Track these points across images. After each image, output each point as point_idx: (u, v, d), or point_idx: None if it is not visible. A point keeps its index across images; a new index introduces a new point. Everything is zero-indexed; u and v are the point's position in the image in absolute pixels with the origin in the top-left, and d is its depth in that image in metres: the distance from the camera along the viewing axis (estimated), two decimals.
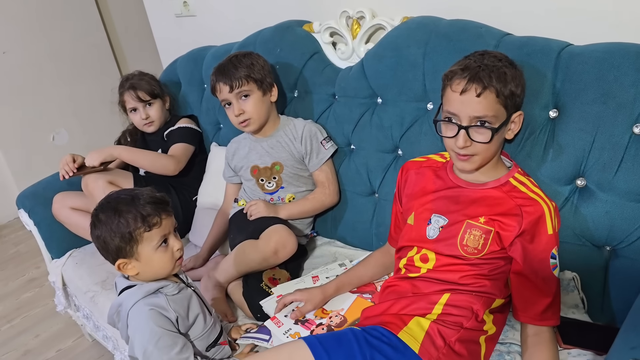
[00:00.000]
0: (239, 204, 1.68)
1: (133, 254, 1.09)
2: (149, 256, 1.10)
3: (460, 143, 1.07)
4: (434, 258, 1.16)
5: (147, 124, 1.95)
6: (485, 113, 1.05)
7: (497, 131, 1.06)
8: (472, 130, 1.06)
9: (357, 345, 1.01)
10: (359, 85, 1.54)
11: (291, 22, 1.78)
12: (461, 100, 1.06)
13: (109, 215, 1.07)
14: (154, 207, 1.08)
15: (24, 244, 3.22)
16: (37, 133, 3.44)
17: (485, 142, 1.06)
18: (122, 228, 1.06)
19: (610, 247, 1.14)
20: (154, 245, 1.09)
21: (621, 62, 1.07)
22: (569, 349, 1.10)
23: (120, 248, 1.08)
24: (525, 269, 1.07)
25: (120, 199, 1.09)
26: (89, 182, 1.76)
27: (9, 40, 3.21)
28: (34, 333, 2.33)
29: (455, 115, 1.08)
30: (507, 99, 1.05)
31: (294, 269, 1.54)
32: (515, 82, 1.06)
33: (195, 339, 1.17)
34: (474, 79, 1.04)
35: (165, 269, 1.13)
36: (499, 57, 1.09)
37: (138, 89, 1.92)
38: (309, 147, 1.58)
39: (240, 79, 1.52)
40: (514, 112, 1.10)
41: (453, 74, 1.08)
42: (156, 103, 1.96)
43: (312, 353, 1.00)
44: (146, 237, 1.08)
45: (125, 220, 1.06)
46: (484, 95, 1.03)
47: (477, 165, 1.12)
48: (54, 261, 1.97)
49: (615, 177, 1.09)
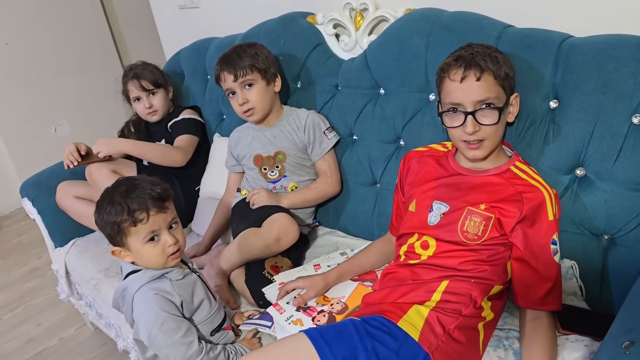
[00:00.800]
0: (242, 194, 1.70)
1: (123, 244, 1.11)
2: (138, 249, 1.11)
3: (470, 129, 1.09)
4: (434, 244, 1.18)
5: (150, 113, 1.97)
6: (487, 95, 1.08)
7: (503, 110, 1.09)
8: (478, 114, 1.09)
9: (358, 336, 1.02)
10: (361, 76, 1.56)
11: (295, 13, 1.79)
12: (462, 87, 1.09)
13: (104, 203, 1.09)
14: (146, 201, 1.08)
15: (26, 234, 3.24)
16: (40, 124, 3.45)
17: (494, 124, 1.09)
18: (111, 218, 1.08)
19: (609, 236, 1.15)
20: (141, 239, 1.09)
21: (621, 54, 1.09)
22: (567, 334, 1.11)
23: (112, 237, 1.11)
24: (526, 255, 1.09)
25: (118, 189, 1.10)
26: (93, 171, 1.78)
27: (11, 31, 3.22)
28: (36, 322, 2.35)
29: (458, 105, 1.11)
30: (503, 80, 1.10)
31: (296, 257, 1.56)
32: (507, 65, 1.11)
33: (199, 323, 1.19)
34: (471, 65, 1.08)
35: (156, 262, 1.13)
36: (485, 45, 1.14)
37: (142, 78, 1.94)
38: (312, 136, 1.60)
39: (244, 68, 1.53)
40: (511, 94, 1.14)
41: (448, 65, 1.12)
42: (159, 92, 1.98)
43: (314, 346, 1.00)
44: (133, 231, 1.08)
45: (115, 211, 1.07)
46: (483, 78, 1.07)
47: (488, 151, 1.14)
48: (57, 249, 1.99)
49: (614, 167, 1.11)
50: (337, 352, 0.99)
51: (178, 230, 1.15)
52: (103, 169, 1.77)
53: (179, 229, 1.16)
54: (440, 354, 1.02)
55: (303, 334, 1.04)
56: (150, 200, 1.08)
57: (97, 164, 1.79)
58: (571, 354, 1.05)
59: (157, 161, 1.87)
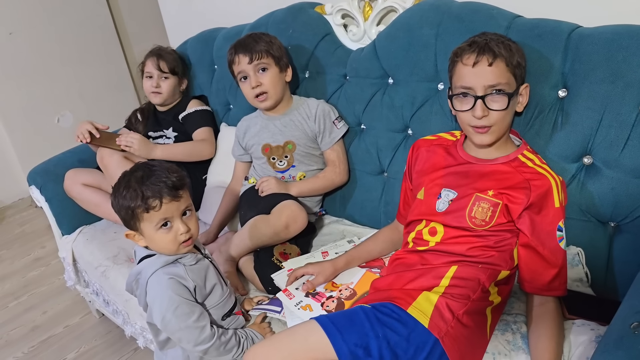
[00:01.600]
0: (249, 182, 1.71)
1: (137, 229, 1.13)
2: (151, 235, 1.12)
3: (479, 113, 1.11)
4: (442, 231, 1.19)
5: (154, 92, 1.99)
6: (498, 81, 1.10)
7: (512, 97, 1.11)
8: (488, 99, 1.11)
9: (369, 323, 1.03)
10: (370, 65, 1.57)
11: (303, 3, 1.80)
12: (474, 72, 1.11)
13: (120, 187, 1.11)
14: (160, 189, 1.09)
15: (29, 224, 3.25)
16: (42, 115, 3.45)
17: (503, 109, 1.11)
18: (125, 202, 1.09)
19: (615, 223, 1.17)
20: (153, 225, 1.11)
21: (630, 43, 1.11)
22: (573, 319, 1.13)
23: (126, 220, 1.12)
24: (533, 241, 1.11)
25: (135, 174, 1.11)
26: (104, 156, 1.79)
27: (14, 21, 3.21)
28: (42, 310, 2.36)
29: (469, 89, 1.13)
30: (515, 68, 1.12)
31: (304, 245, 1.58)
32: (519, 54, 1.14)
33: (211, 307, 1.21)
34: (484, 51, 1.10)
35: (168, 249, 1.15)
36: (499, 34, 1.16)
37: (161, 59, 1.98)
38: (322, 126, 1.61)
39: (260, 52, 1.55)
40: (521, 83, 1.16)
41: (462, 50, 1.15)
42: (171, 79, 2.00)
43: (325, 333, 1.01)
44: (146, 217, 1.10)
45: (130, 196, 1.09)
46: (496, 64, 1.10)
47: (495, 138, 1.16)
48: (65, 237, 2.00)
49: (621, 155, 1.13)
50: (349, 339, 1.01)
51: (192, 218, 1.16)
52: (115, 154, 1.78)
53: (193, 217, 1.17)
54: (450, 339, 1.04)
55: (314, 321, 1.05)
56: (165, 189, 1.09)
57: (109, 150, 1.79)
58: (578, 337, 1.07)
59: (187, 158, 1.90)
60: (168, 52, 2.03)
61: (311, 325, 1.04)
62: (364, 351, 1.00)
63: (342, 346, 1.00)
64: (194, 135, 1.96)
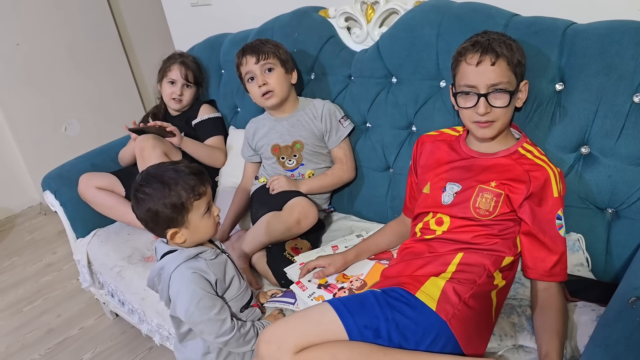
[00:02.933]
0: (260, 181, 1.77)
1: (184, 223, 1.17)
2: (197, 223, 1.18)
3: (482, 110, 1.17)
4: (448, 221, 1.25)
5: (176, 100, 2.05)
6: (500, 80, 1.16)
7: (514, 94, 1.17)
8: (490, 97, 1.17)
9: (379, 306, 1.08)
10: (374, 65, 1.63)
11: (307, 8, 1.86)
12: (477, 71, 1.17)
13: (157, 188, 1.14)
14: (196, 177, 1.17)
15: (38, 231, 3.29)
16: (50, 124, 3.50)
17: (505, 106, 1.17)
18: (174, 199, 1.13)
19: (613, 209, 1.23)
20: (201, 212, 1.18)
21: (622, 37, 1.17)
22: (575, 301, 1.19)
23: (172, 218, 1.16)
24: (534, 229, 1.17)
25: (164, 173, 1.16)
26: (146, 147, 1.81)
27: (22, 32, 3.27)
28: (56, 313, 2.40)
29: (473, 87, 1.18)
30: (516, 66, 1.17)
31: (313, 241, 1.62)
32: (520, 53, 1.19)
33: (230, 300, 1.26)
34: (487, 50, 1.16)
35: (209, 233, 1.23)
36: (500, 33, 1.22)
37: (188, 68, 2.05)
38: (329, 125, 1.67)
39: (266, 53, 1.62)
40: (521, 80, 1.21)
41: (465, 50, 1.20)
42: (193, 88, 2.08)
43: (337, 315, 1.06)
44: (195, 206, 1.16)
45: (176, 192, 1.13)
46: (498, 63, 1.15)
47: (497, 132, 1.22)
48: (79, 240, 2.05)
49: (617, 143, 1.19)
50: (360, 321, 1.05)
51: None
52: (157, 148, 1.81)
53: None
54: (457, 321, 1.08)
55: (327, 303, 1.10)
56: (200, 175, 1.18)
57: (152, 142, 1.82)
58: (580, 317, 1.13)
59: (203, 160, 1.97)
60: (191, 60, 2.09)
61: (324, 307, 1.09)
62: (374, 333, 1.05)
63: (353, 327, 1.05)
64: (207, 142, 2.03)
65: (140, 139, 1.84)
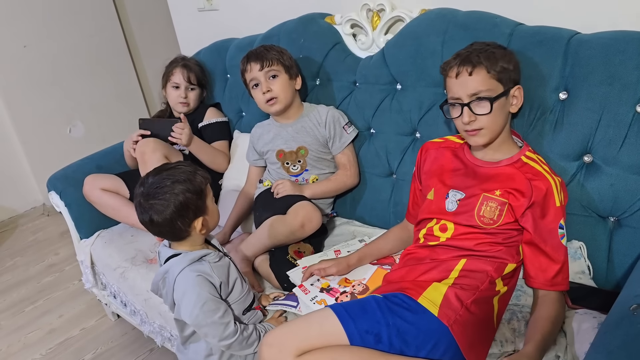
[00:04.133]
0: (264, 185, 1.78)
1: (205, 209, 1.21)
2: (212, 208, 1.24)
3: (466, 119, 1.21)
4: (452, 228, 1.26)
5: (182, 103, 2.06)
6: (479, 88, 1.19)
7: (495, 100, 1.19)
8: (473, 105, 1.20)
9: (380, 312, 1.09)
10: (379, 72, 1.64)
11: (314, 14, 1.87)
12: (458, 82, 1.21)
13: (182, 180, 1.17)
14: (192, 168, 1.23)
15: (41, 232, 3.30)
16: (55, 126, 3.52)
17: (487, 113, 1.19)
18: (196, 186, 1.18)
19: (615, 218, 1.24)
20: (211, 196, 1.24)
21: (626, 47, 1.18)
22: (576, 309, 1.20)
23: (199, 206, 1.19)
24: (536, 238, 1.18)
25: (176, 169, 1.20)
26: (147, 151, 1.81)
27: (29, 34, 3.29)
28: (58, 313, 2.41)
29: (457, 99, 1.23)
30: (499, 73, 1.19)
31: (316, 245, 1.64)
32: (505, 60, 1.21)
33: (233, 303, 1.27)
34: (464, 62, 1.20)
35: (218, 218, 1.29)
36: (487, 43, 1.24)
37: (191, 71, 2.06)
38: (333, 131, 1.68)
39: (271, 60, 1.64)
40: (512, 86, 1.23)
41: (447, 64, 1.25)
42: (197, 90, 2.10)
43: (339, 320, 1.07)
44: (208, 190, 1.23)
45: (194, 184, 1.18)
46: (475, 72, 1.19)
47: (488, 139, 1.24)
48: (83, 241, 2.06)
49: (619, 152, 1.20)
50: (361, 326, 1.06)
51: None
52: (157, 152, 1.81)
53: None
54: (458, 326, 1.09)
55: (329, 308, 1.11)
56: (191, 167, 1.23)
57: (152, 145, 1.83)
58: (581, 324, 1.14)
59: (207, 163, 1.98)
60: (194, 63, 2.11)
61: (326, 312, 1.10)
62: (375, 338, 1.06)
63: (354, 332, 1.06)
64: (213, 146, 2.03)
65: (141, 144, 1.85)
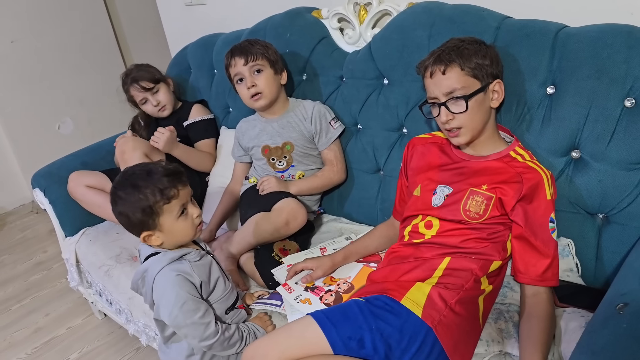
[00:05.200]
0: (250, 181, 1.76)
1: (156, 226, 1.15)
2: (171, 226, 1.15)
3: (443, 118, 1.20)
4: (437, 224, 1.24)
5: (160, 109, 2.03)
6: (454, 87, 1.17)
7: (470, 98, 1.17)
8: (449, 104, 1.19)
9: (362, 316, 1.07)
10: (366, 67, 1.62)
11: (300, 8, 1.85)
12: (433, 82, 1.20)
13: (129, 192, 1.12)
14: (169, 179, 1.13)
15: (30, 229, 3.27)
16: (43, 122, 3.49)
17: (463, 111, 1.17)
18: (143, 203, 1.11)
19: (603, 214, 1.22)
20: (174, 215, 1.15)
21: (614, 41, 1.16)
22: (564, 307, 1.18)
23: (143, 221, 1.13)
24: (526, 231, 1.15)
25: (136, 175, 1.14)
26: (126, 151, 1.78)
27: (16, 30, 3.26)
28: (44, 312, 2.39)
29: (434, 98, 1.21)
30: (474, 70, 1.18)
31: (303, 242, 1.62)
32: (480, 55, 1.19)
33: (215, 302, 1.24)
34: (436, 61, 1.19)
35: (188, 235, 1.19)
36: (462, 38, 1.22)
37: (140, 79, 1.99)
38: (319, 126, 1.66)
39: (255, 54, 1.61)
40: (491, 80, 1.20)
41: (422, 63, 1.25)
42: (161, 87, 2.04)
43: (320, 328, 1.05)
44: (166, 209, 1.13)
45: (145, 195, 1.11)
46: (448, 71, 1.18)
47: (469, 137, 1.22)
48: (68, 239, 2.03)
49: (607, 148, 1.17)
50: (343, 333, 1.04)
51: (195, 203, 1.21)
52: (137, 150, 1.77)
53: (194, 202, 1.22)
54: (443, 327, 1.07)
55: (310, 316, 1.09)
56: (174, 177, 1.14)
57: (132, 145, 1.79)
58: (568, 323, 1.11)
59: (195, 166, 1.96)
60: (137, 70, 2.03)
61: (307, 320, 1.08)
62: (358, 343, 1.03)
63: (337, 340, 1.03)
64: (198, 145, 2.01)
65: (121, 143, 1.82)
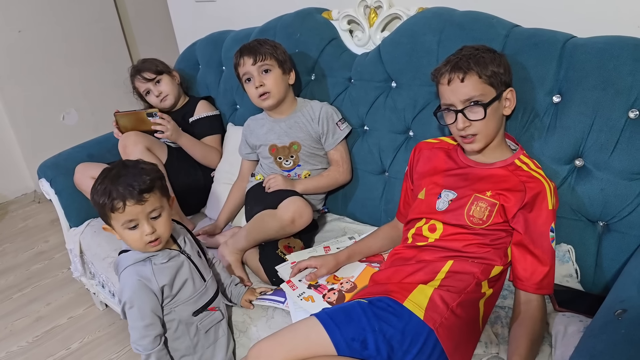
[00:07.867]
0: (256, 178, 1.78)
1: (109, 224, 1.17)
2: (120, 232, 1.16)
3: (460, 125, 1.21)
4: (441, 228, 1.26)
5: (162, 99, 2.05)
6: (472, 94, 1.19)
7: (488, 105, 1.19)
8: (467, 111, 1.20)
9: (365, 318, 1.09)
10: (375, 69, 1.64)
11: (311, 9, 1.87)
12: (450, 89, 1.21)
13: (97, 182, 1.14)
14: (124, 193, 1.10)
15: (32, 219, 3.29)
16: (48, 112, 3.49)
17: (481, 119, 1.19)
18: (97, 198, 1.13)
19: (604, 222, 1.24)
20: (120, 224, 1.14)
21: (620, 53, 1.18)
22: (563, 312, 1.20)
23: (101, 214, 1.16)
24: (526, 239, 1.17)
25: (112, 171, 1.14)
26: (128, 144, 1.81)
27: (23, 20, 3.26)
28: (45, 301, 2.40)
29: (450, 105, 1.23)
30: (490, 78, 1.20)
31: (306, 241, 1.64)
32: (495, 63, 1.21)
33: (181, 303, 1.25)
34: (455, 69, 1.20)
35: (136, 247, 1.19)
36: (477, 47, 1.24)
37: (142, 70, 2.02)
38: (326, 127, 1.68)
39: (264, 54, 1.63)
40: (504, 89, 1.23)
41: (438, 70, 1.25)
42: (164, 78, 2.05)
43: (325, 329, 1.08)
44: (113, 216, 1.13)
45: (100, 193, 1.12)
46: (467, 78, 1.19)
47: (483, 144, 1.24)
48: (72, 229, 2.05)
49: (610, 157, 1.20)
50: (347, 334, 1.07)
51: (161, 220, 1.17)
52: (139, 144, 1.80)
53: (163, 219, 1.18)
54: (444, 329, 1.09)
55: (314, 317, 1.12)
56: (129, 191, 1.10)
57: (133, 138, 1.82)
58: (567, 327, 1.13)
59: (199, 159, 1.98)
60: (142, 62, 2.06)
61: (311, 321, 1.11)
62: (361, 344, 1.06)
63: (340, 340, 1.07)
64: (203, 141, 2.03)
65: (123, 137, 1.84)
